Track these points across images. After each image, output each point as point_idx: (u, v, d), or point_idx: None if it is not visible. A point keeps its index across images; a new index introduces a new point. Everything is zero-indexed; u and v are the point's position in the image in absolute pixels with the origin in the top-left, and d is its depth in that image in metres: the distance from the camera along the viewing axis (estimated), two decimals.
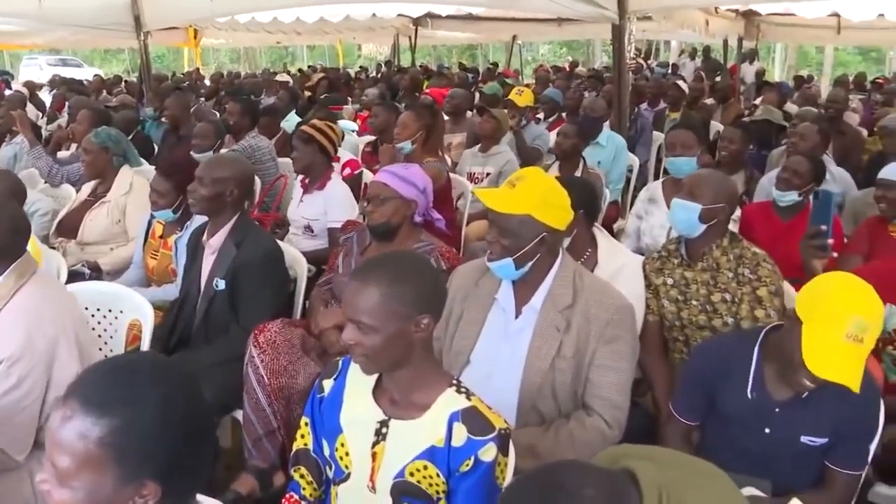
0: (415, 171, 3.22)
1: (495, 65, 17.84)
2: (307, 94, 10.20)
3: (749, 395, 2.28)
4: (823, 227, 2.68)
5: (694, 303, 3.00)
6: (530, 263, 2.35)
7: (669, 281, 3.06)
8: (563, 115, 7.54)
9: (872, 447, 2.26)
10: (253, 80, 13.24)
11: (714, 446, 2.41)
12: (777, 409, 2.24)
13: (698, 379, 2.41)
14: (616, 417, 2.32)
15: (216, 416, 3.05)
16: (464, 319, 2.48)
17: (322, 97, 8.66)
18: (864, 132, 7.07)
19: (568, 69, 17.10)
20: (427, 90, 8.58)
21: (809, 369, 2.04)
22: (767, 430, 2.26)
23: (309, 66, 21.13)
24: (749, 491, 2.17)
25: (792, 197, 3.87)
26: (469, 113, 7.10)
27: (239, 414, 2.96)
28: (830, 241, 2.70)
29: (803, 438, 2.23)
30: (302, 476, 2.07)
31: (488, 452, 1.78)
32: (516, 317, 2.42)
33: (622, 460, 1.44)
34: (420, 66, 15.27)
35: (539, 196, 2.33)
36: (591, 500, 1.23)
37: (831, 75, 20.16)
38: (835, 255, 2.75)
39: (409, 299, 1.78)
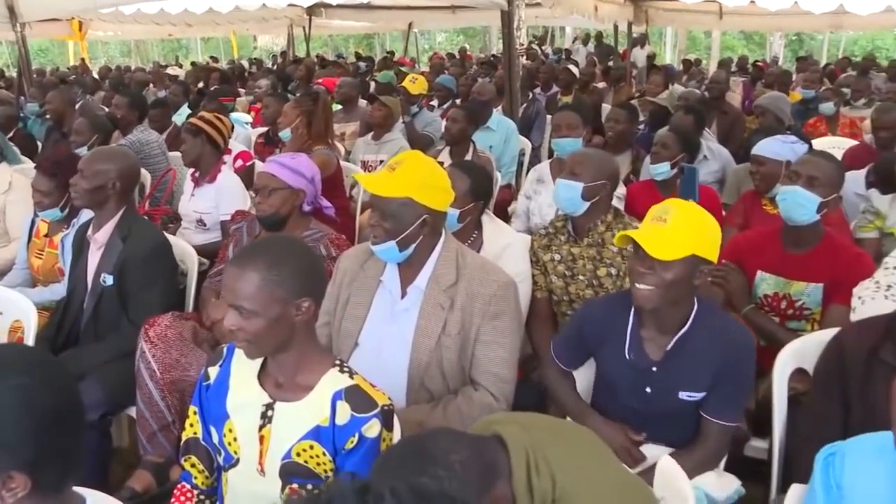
0: (302, 161, 3.22)
1: (391, 53, 17.83)
2: (199, 86, 9.98)
3: (627, 356, 2.37)
4: (690, 200, 2.79)
5: (581, 278, 3.10)
6: (413, 245, 2.38)
7: (557, 257, 3.16)
8: (458, 101, 7.62)
9: (745, 399, 2.39)
10: (142, 73, 12.86)
11: (599, 400, 2.53)
12: (654, 369, 2.33)
13: (579, 333, 2.51)
14: (502, 390, 2.39)
15: (110, 415, 3.02)
16: (350, 303, 2.51)
17: (212, 89, 8.50)
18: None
19: (459, 56, 17.19)
20: (319, 80, 8.51)
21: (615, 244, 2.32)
22: (648, 390, 2.35)
23: (212, 58, 20.65)
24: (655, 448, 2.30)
25: (664, 168, 4.05)
26: (363, 102, 7.10)
27: (133, 411, 2.93)
28: None
29: (681, 395, 2.32)
30: (193, 465, 2.07)
31: (372, 429, 1.82)
32: (402, 297, 2.46)
33: (492, 426, 1.50)
34: (316, 57, 15.12)
35: (419, 179, 2.36)
36: (459, 464, 1.29)
37: (719, 59, 20.85)
38: None
39: (289, 283, 1.80)
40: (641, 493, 1.66)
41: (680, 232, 2.17)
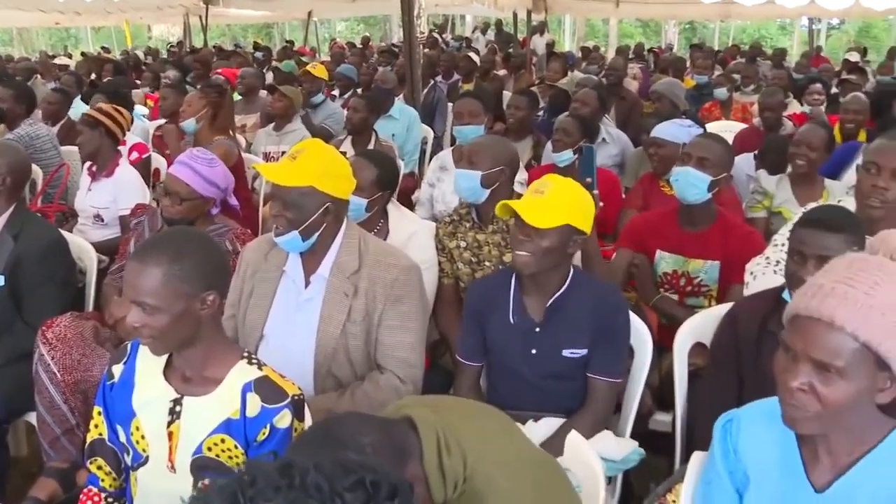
0: (218, 172, 3.12)
1: (291, 43, 17.57)
2: (92, 78, 9.62)
3: (511, 320, 2.48)
4: (589, 179, 2.86)
5: (487, 264, 3.13)
6: (316, 234, 2.37)
7: (463, 244, 3.18)
8: (359, 90, 7.58)
9: (624, 355, 2.52)
10: (27, 63, 12.27)
11: (495, 382, 2.60)
12: (538, 329, 2.46)
13: (473, 317, 2.57)
14: (409, 374, 2.42)
15: (5, 423, 2.91)
16: (255, 294, 2.49)
17: (106, 81, 8.22)
18: None
19: (360, 45, 17.10)
20: (218, 70, 8.32)
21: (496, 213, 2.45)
22: (534, 351, 2.47)
23: (103, 48, 19.89)
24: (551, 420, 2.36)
25: (567, 156, 4.15)
26: (263, 93, 6.99)
27: (33, 417, 2.82)
28: (596, 192, 2.87)
29: (565, 352, 2.44)
30: (99, 467, 2.02)
31: (283, 419, 1.82)
32: (306, 286, 2.45)
33: (402, 409, 1.52)
34: (213, 47, 14.76)
35: (320, 167, 2.34)
36: (370, 446, 1.30)
37: (616, 46, 21.34)
38: (601, 204, 2.95)
39: (192, 277, 1.77)
40: (550, 467, 1.71)
41: (555, 203, 2.34)
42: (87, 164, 4.20)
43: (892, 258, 1.46)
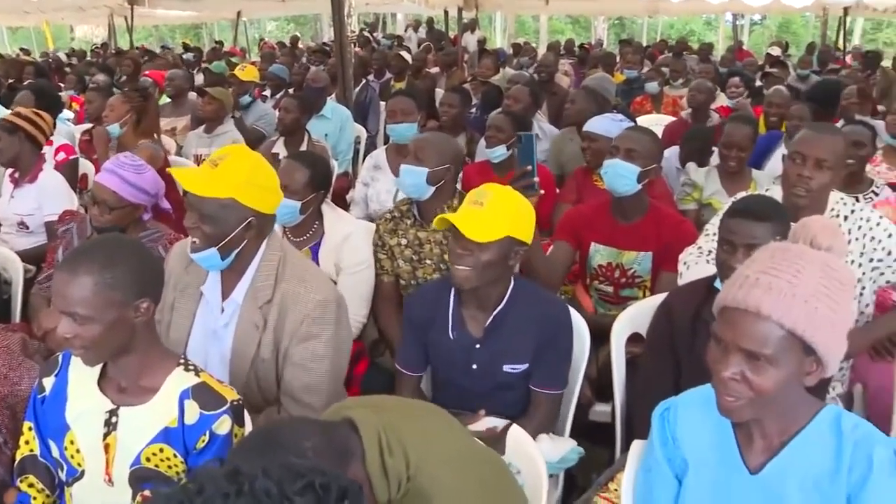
0: (147, 178, 3.00)
1: (221, 43, 17.29)
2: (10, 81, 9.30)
3: (451, 336, 2.45)
4: (528, 168, 2.86)
5: (428, 262, 3.13)
6: (236, 252, 2.18)
7: (404, 241, 3.16)
8: (290, 90, 7.50)
9: (567, 368, 2.50)
10: None
11: (438, 388, 2.60)
12: (478, 346, 2.43)
13: (412, 328, 2.54)
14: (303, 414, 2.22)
15: None
16: (176, 310, 2.32)
17: (27, 83, 7.95)
18: None
19: (290, 45, 16.91)
20: (146, 73, 8.14)
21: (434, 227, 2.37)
22: (474, 366, 2.45)
23: (22, 49, 19.24)
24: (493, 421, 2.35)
25: (501, 151, 4.19)
26: (193, 95, 6.86)
27: None
28: (536, 179, 2.88)
29: (505, 367, 2.42)
30: (31, 485, 1.96)
31: (223, 425, 1.79)
32: (222, 311, 2.29)
33: (343, 411, 1.51)
34: (139, 48, 14.43)
35: (244, 177, 2.13)
36: (311, 450, 1.29)
37: (547, 42, 21.55)
38: (542, 192, 2.97)
39: (125, 284, 1.73)
40: (493, 462, 1.72)
41: (496, 215, 2.27)
42: (9, 170, 4.07)
43: (813, 245, 1.50)
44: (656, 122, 6.08)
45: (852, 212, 2.72)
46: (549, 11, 17.26)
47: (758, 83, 8.32)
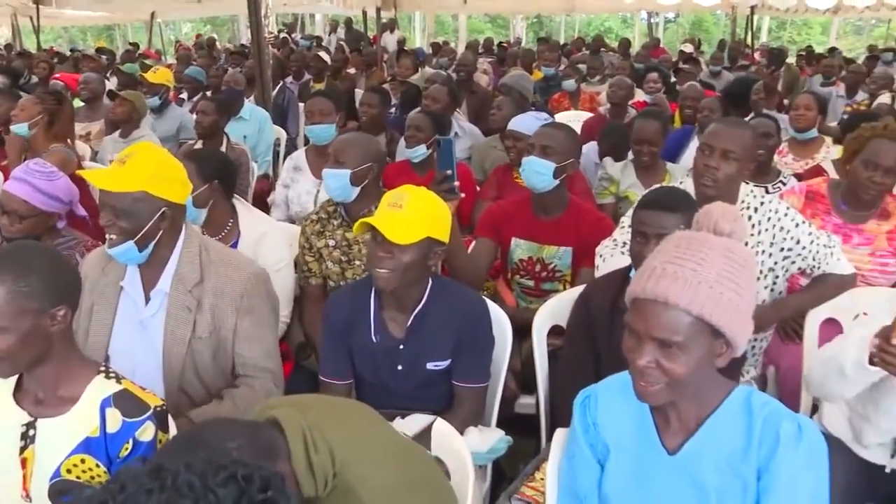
0: (60, 185, 2.93)
1: (136, 45, 16.88)
2: None
3: (374, 339, 2.45)
4: (449, 172, 2.89)
5: (357, 262, 3.11)
6: (153, 243, 2.25)
7: (331, 243, 3.15)
8: (208, 93, 7.37)
9: (489, 360, 2.54)
10: None
11: (363, 389, 2.59)
12: (401, 347, 2.44)
13: (335, 334, 2.52)
14: (277, 380, 2.38)
15: None
16: (95, 311, 2.34)
17: None
18: None
19: (207, 46, 16.61)
20: (56, 76, 7.90)
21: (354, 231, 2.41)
22: (399, 367, 2.46)
23: None
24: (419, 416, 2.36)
25: (421, 151, 4.21)
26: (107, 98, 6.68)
27: None
28: (457, 183, 2.91)
29: (429, 365, 2.45)
30: None
31: (146, 432, 1.76)
32: (147, 303, 2.34)
33: (268, 411, 1.51)
34: (46, 50, 13.95)
35: (152, 170, 2.21)
36: (236, 450, 1.29)
37: (466, 41, 21.68)
38: (462, 195, 3.00)
39: (40, 292, 1.69)
40: (419, 456, 1.74)
41: (415, 216, 2.29)
42: None
43: (715, 231, 1.56)
44: (574, 119, 6.20)
45: (762, 204, 2.82)
46: (468, 11, 17.38)
47: (673, 79, 8.55)
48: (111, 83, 8.29)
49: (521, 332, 2.83)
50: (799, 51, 17.38)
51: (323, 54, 9.01)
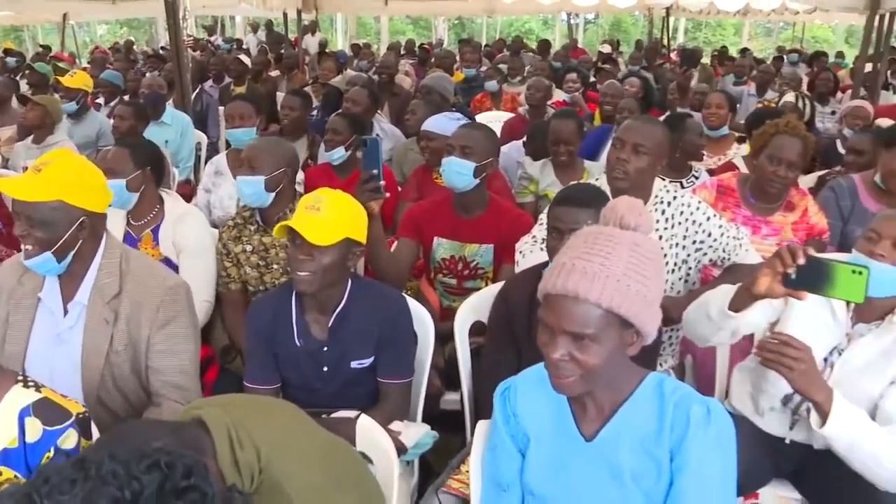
0: None
1: (47, 48, 16.37)
2: None
3: (298, 343, 2.48)
4: (374, 171, 2.90)
5: (275, 266, 3.13)
6: (72, 253, 2.21)
7: (249, 248, 3.16)
8: (126, 97, 7.22)
9: (412, 355, 2.59)
10: None
11: (288, 392, 2.59)
12: (325, 349, 2.47)
13: (259, 340, 2.52)
14: (185, 398, 2.31)
15: None
16: (10, 324, 2.29)
17: None
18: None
19: (124, 49, 16.23)
20: None
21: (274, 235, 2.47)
22: (325, 368, 2.49)
23: None
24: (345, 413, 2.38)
25: (339, 153, 4.23)
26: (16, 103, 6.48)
27: None
28: (382, 182, 2.93)
29: (353, 364, 2.49)
30: None
31: (69, 440, 1.74)
32: (65, 314, 2.29)
33: (192, 411, 1.52)
34: None
35: (69, 178, 2.16)
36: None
37: (388, 43, 21.67)
38: (387, 194, 3.03)
39: None
40: (343, 449, 1.77)
41: (333, 218, 2.33)
42: None
43: (622, 225, 1.62)
44: (496, 119, 6.30)
45: (675, 198, 2.93)
46: (389, 12, 17.33)
47: (591, 79, 8.73)
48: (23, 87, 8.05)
49: (447, 332, 2.88)
50: (713, 51, 17.93)
51: (243, 57, 8.89)
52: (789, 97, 6.04)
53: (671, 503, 1.65)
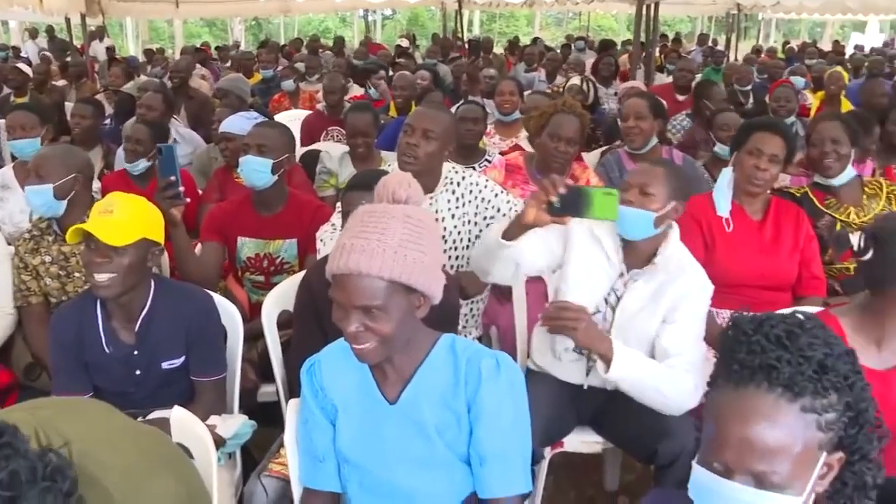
0: None
1: None
2: None
3: (107, 351, 2.48)
4: (173, 178, 2.91)
5: (77, 275, 3.08)
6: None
7: (48, 259, 3.09)
8: None
9: (224, 352, 2.66)
10: None
11: (105, 400, 2.52)
12: (135, 353, 2.50)
13: (66, 351, 2.48)
14: None
15: None
16: None
17: None
18: None
19: None
20: None
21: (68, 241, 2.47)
22: (137, 372, 2.51)
23: None
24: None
25: (143, 164, 4.17)
26: None
27: None
28: (182, 189, 2.95)
29: (164, 365, 2.53)
30: None
31: None
32: None
33: None
34: None
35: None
36: None
37: (182, 46, 20.99)
38: (188, 200, 3.04)
39: None
40: (157, 438, 1.79)
41: (128, 219, 2.35)
42: None
43: (394, 200, 1.75)
44: (294, 118, 6.34)
45: (463, 178, 3.14)
46: (181, 15, 16.77)
47: (390, 72, 8.94)
48: None
49: (259, 328, 2.94)
50: (507, 41, 18.73)
51: (23, 66, 8.36)
52: (575, 80, 6.50)
53: (472, 449, 1.82)
